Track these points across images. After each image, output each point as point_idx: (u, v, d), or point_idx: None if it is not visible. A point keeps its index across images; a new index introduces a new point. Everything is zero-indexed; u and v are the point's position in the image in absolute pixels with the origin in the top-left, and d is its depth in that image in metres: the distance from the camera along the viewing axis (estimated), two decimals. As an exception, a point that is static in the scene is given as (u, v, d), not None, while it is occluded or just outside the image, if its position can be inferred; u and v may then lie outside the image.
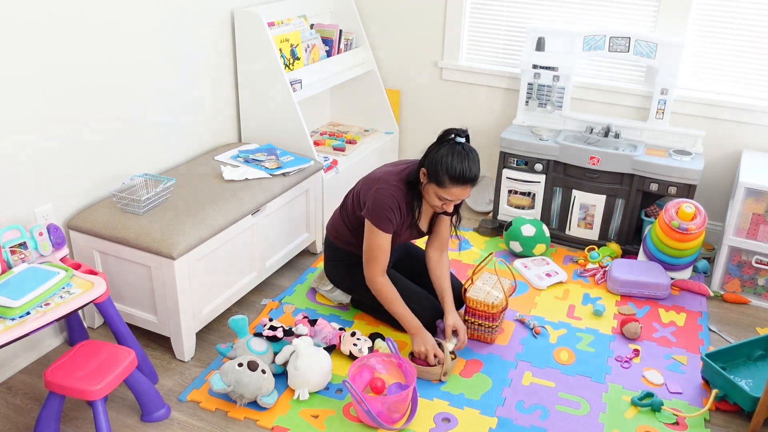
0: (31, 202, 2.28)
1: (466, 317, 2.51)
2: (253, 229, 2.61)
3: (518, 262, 3.09)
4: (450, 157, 2.18)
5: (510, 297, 2.63)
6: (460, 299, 2.55)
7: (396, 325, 2.53)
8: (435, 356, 2.31)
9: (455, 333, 2.42)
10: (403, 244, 2.69)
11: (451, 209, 2.35)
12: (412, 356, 2.35)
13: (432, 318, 2.50)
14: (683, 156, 3.01)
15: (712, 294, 2.86)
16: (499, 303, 2.44)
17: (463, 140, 2.24)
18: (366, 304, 2.65)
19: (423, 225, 2.50)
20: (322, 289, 2.80)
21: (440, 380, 2.33)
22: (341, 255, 2.60)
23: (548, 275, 2.98)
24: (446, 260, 2.54)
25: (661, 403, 2.21)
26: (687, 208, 2.79)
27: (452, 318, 2.42)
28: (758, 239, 2.78)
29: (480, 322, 2.49)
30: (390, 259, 2.43)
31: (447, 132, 2.26)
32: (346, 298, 2.74)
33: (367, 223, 2.36)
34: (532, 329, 2.60)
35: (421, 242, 2.73)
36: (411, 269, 2.65)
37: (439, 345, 2.38)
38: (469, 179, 2.19)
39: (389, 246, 2.36)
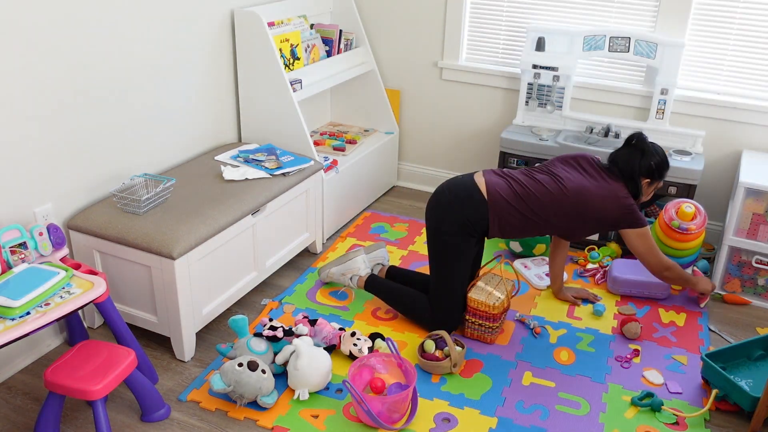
0: (31, 202, 2.28)
1: (467, 317, 2.51)
2: (253, 229, 2.61)
3: (518, 262, 3.09)
4: (662, 155, 2.52)
5: (511, 298, 2.63)
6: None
7: (405, 314, 2.64)
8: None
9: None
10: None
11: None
12: (423, 353, 2.35)
13: (459, 319, 2.53)
14: (683, 156, 3.01)
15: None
16: (500, 304, 2.44)
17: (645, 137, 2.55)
18: (385, 282, 2.71)
19: None
20: (340, 260, 2.82)
21: (451, 372, 2.34)
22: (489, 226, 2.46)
23: (548, 275, 2.98)
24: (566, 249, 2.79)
25: (661, 403, 2.21)
26: (687, 208, 2.79)
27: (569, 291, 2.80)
28: (758, 239, 2.78)
29: (480, 322, 2.49)
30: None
31: (641, 141, 2.52)
32: (364, 269, 2.77)
33: (639, 233, 2.48)
34: (532, 329, 2.61)
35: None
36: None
37: (439, 341, 2.38)
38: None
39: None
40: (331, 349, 2.42)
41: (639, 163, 2.47)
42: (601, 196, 2.43)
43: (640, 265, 2.91)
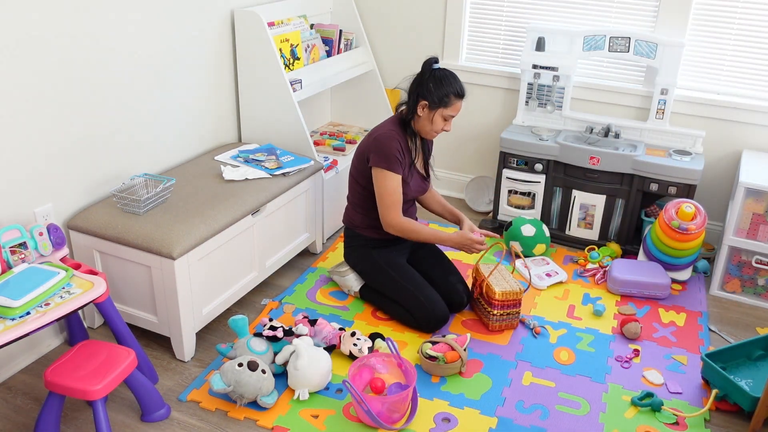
0: (31, 202, 2.28)
1: (495, 311, 2.57)
2: (253, 229, 2.61)
3: (518, 262, 3.09)
4: (446, 80, 2.49)
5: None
6: (461, 304, 2.70)
7: (399, 321, 2.64)
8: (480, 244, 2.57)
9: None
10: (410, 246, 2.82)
11: (450, 128, 2.59)
12: (430, 357, 2.35)
13: (441, 312, 2.55)
14: (683, 156, 3.01)
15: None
16: (520, 288, 2.58)
17: (439, 65, 2.54)
18: (374, 292, 2.72)
19: (420, 166, 2.70)
20: (336, 272, 2.85)
21: (460, 373, 2.35)
22: (360, 240, 2.74)
23: (548, 275, 2.98)
24: (435, 191, 2.85)
25: (661, 403, 2.21)
26: (687, 208, 2.79)
27: (466, 221, 2.69)
28: (758, 239, 2.78)
29: (509, 311, 2.58)
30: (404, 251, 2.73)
31: (425, 64, 2.52)
32: (356, 285, 2.76)
33: (376, 172, 2.53)
34: (532, 329, 2.61)
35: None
36: (422, 264, 2.76)
37: (440, 344, 2.38)
38: (465, 92, 2.54)
39: (401, 189, 2.55)
40: (331, 349, 2.42)
41: (417, 82, 2.52)
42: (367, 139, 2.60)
43: (640, 265, 2.91)
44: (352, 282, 2.78)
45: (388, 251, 2.70)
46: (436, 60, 2.53)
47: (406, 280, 2.60)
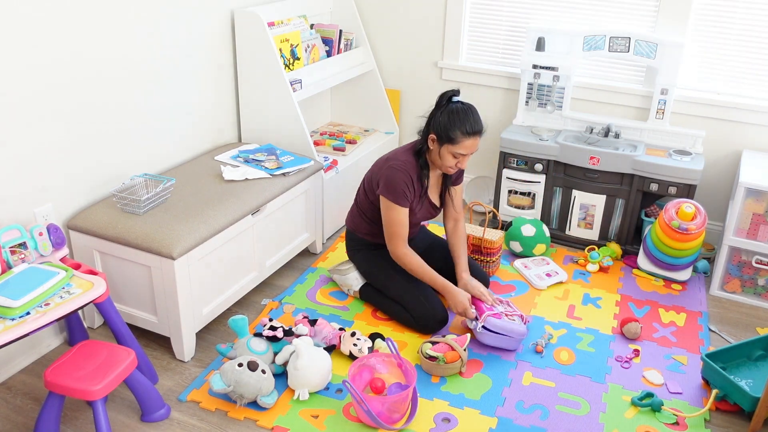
0: (31, 202, 2.28)
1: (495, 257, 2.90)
2: (253, 229, 2.61)
3: (518, 262, 3.09)
4: (456, 115, 2.36)
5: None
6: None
7: (398, 321, 2.63)
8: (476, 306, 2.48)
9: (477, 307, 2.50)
10: (424, 237, 2.84)
11: (465, 165, 2.48)
12: (429, 357, 2.35)
13: (440, 314, 2.55)
14: (683, 156, 3.01)
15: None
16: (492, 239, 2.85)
17: (459, 98, 2.42)
18: (374, 292, 2.71)
19: (434, 197, 2.64)
20: (336, 270, 2.85)
21: (460, 373, 2.35)
22: (361, 244, 2.74)
23: (548, 275, 2.98)
24: (461, 229, 2.70)
25: (661, 403, 2.21)
26: (687, 208, 2.79)
27: (465, 278, 2.56)
28: (758, 239, 2.78)
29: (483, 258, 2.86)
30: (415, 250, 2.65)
31: (442, 96, 2.42)
32: (357, 284, 2.76)
33: (383, 200, 2.49)
34: (535, 345, 2.51)
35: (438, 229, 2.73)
36: (432, 262, 2.72)
37: (439, 344, 2.38)
38: (477, 130, 2.38)
39: (407, 220, 2.50)
40: (331, 349, 2.42)
41: (431, 114, 2.44)
42: (380, 160, 2.55)
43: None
44: (353, 281, 2.78)
45: (375, 255, 2.69)
46: (455, 93, 2.42)
47: (408, 281, 2.59)
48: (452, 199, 2.67)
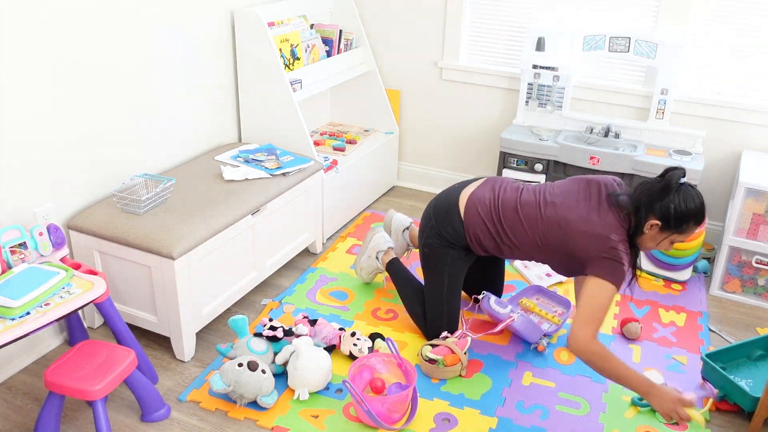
0: (31, 202, 2.28)
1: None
2: (253, 229, 2.61)
3: (518, 262, 3.09)
4: (693, 202, 2.05)
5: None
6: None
7: (408, 310, 2.62)
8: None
9: None
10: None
11: (671, 249, 2.21)
12: (429, 360, 2.34)
13: (452, 331, 2.47)
14: (683, 156, 3.01)
15: None
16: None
17: (685, 179, 2.09)
18: (402, 272, 2.67)
19: None
20: (366, 258, 2.82)
21: (460, 375, 2.35)
22: (451, 239, 2.37)
23: (548, 275, 2.98)
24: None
25: (661, 403, 2.21)
26: None
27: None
28: (758, 239, 2.78)
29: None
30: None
31: (671, 176, 2.07)
32: (384, 244, 2.78)
33: (598, 281, 2.07)
34: (536, 345, 2.52)
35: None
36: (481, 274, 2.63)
37: (440, 347, 2.38)
38: (705, 217, 2.11)
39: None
40: (331, 349, 2.42)
41: (653, 196, 2.06)
42: (582, 230, 2.12)
43: None
44: (379, 241, 2.75)
45: (463, 262, 2.42)
46: (683, 173, 2.06)
47: (442, 288, 2.43)
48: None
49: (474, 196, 2.34)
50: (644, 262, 3.03)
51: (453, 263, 2.41)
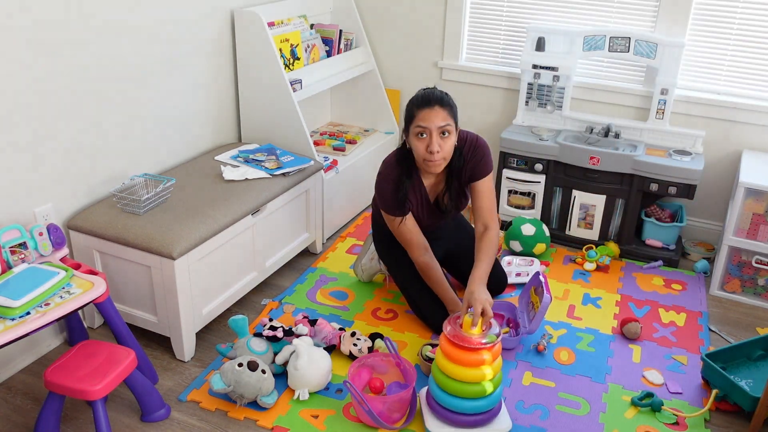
0: (31, 202, 2.28)
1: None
2: (253, 229, 2.61)
3: (505, 259, 3.07)
4: (413, 97, 2.32)
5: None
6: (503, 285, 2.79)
7: (413, 310, 2.66)
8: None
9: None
10: (451, 235, 2.73)
11: (436, 147, 2.25)
12: (429, 360, 2.34)
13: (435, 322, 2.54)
14: (683, 156, 3.01)
15: None
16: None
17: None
18: (398, 280, 2.72)
19: (433, 198, 2.51)
20: (363, 261, 2.89)
21: None
22: (382, 236, 2.66)
23: (518, 275, 2.95)
24: (490, 236, 2.37)
25: (661, 403, 2.21)
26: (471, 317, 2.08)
27: (471, 288, 2.17)
28: (758, 239, 2.78)
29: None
30: (438, 249, 2.60)
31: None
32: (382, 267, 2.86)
33: (383, 215, 2.48)
34: (537, 345, 2.51)
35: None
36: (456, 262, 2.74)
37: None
38: (433, 98, 2.26)
39: (412, 229, 2.45)
40: (331, 349, 2.42)
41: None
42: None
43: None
44: (378, 266, 2.86)
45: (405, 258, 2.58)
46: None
47: (421, 292, 2.57)
48: (477, 200, 2.44)
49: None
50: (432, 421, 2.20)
51: (402, 259, 2.57)
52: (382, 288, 2.89)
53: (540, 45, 3.26)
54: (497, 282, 2.73)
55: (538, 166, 3.19)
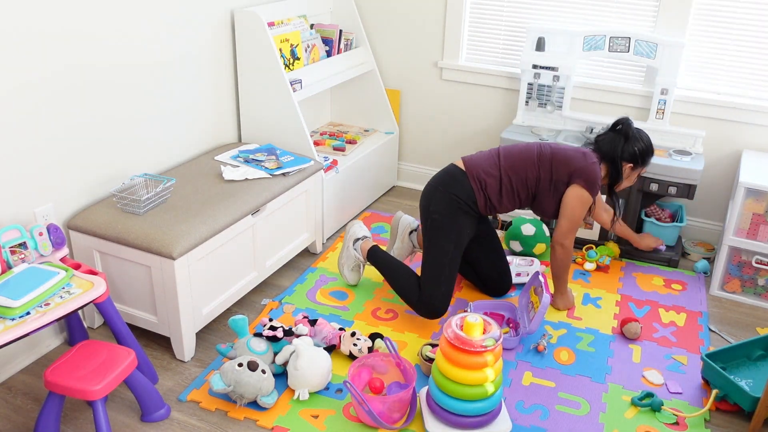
0: (31, 202, 2.28)
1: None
2: (253, 229, 2.61)
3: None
4: (647, 141, 2.62)
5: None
6: (504, 290, 2.83)
7: (399, 293, 2.65)
8: None
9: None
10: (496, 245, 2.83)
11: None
12: (429, 359, 2.34)
13: (442, 308, 2.54)
14: (683, 156, 3.01)
15: None
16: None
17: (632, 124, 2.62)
18: (385, 259, 2.73)
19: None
20: (346, 267, 2.87)
21: None
22: (463, 198, 2.51)
23: (518, 275, 2.95)
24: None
25: (661, 403, 2.21)
26: (473, 320, 2.02)
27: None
28: (758, 239, 2.78)
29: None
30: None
31: (627, 126, 2.59)
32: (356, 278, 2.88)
33: (579, 190, 2.50)
34: (537, 345, 2.51)
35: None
36: (481, 244, 2.76)
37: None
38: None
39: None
40: (331, 349, 2.42)
41: (622, 147, 2.57)
42: (572, 151, 2.56)
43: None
44: (357, 228, 2.85)
45: (470, 229, 2.56)
46: (631, 120, 2.62)
47: (445, 256, 2.51)
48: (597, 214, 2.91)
49: (469, 156, 2.61)
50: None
51: (461, 230, 2.52)
52: (382, 288, 2.89)
53: (540, 45, 3.26)
54: (502, 282, 2.77)
55: (538, 166, 3.19)
